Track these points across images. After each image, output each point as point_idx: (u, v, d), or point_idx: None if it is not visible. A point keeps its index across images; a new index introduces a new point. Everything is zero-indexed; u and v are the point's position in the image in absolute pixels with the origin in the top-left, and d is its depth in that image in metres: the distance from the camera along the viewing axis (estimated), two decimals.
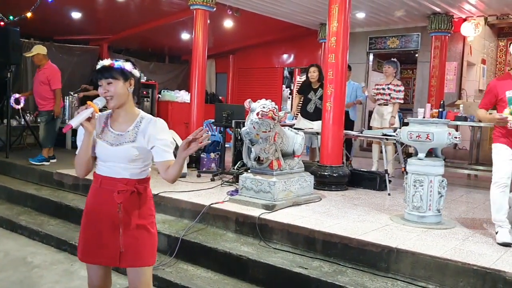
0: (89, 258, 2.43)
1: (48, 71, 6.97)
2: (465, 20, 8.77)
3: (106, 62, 2.37)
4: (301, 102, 7.38)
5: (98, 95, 2.39)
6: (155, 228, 2.54)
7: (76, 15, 9.31)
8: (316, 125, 7.14)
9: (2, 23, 7.70)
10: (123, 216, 2.36)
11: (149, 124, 2.39)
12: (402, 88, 7.12)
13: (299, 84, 8.09)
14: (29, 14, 7.37)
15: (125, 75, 2.37)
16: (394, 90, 7.02)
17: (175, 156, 2.33)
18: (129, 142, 2.36)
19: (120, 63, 2.37)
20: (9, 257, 4.53)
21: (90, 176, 2.50)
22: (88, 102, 2.32)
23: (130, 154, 2.35)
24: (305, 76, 9.90)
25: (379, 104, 7.23)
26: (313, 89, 7.25)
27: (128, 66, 2.39)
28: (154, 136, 2.36)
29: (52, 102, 6.98)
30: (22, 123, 9.01)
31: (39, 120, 7.31)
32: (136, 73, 2.44)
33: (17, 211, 5.80)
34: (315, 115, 7.18)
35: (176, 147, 6.27)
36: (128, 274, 2.46)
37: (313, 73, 7.19)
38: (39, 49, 7.03)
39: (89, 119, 2.30)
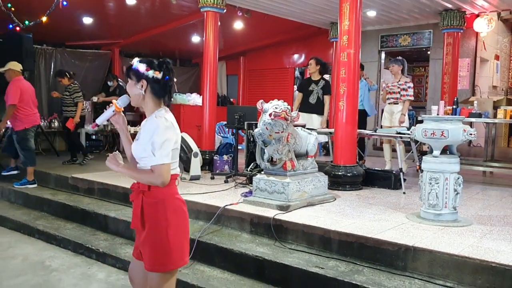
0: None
1: (8, 88, 6.53)
2: (477, 15, 8.68)
3: (134, 60, 2.46)
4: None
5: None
6: (163, 236, 2.37)
7: (87, 20, 9.40)
8: (316, 121, 7.15)
9: (18, 28, 7.78)
10: (135, 215, 2.44)
11: (147, 121, 2.43)
12: (411, 85, 7.04)
13: None
14: (44, 19, 7.42)
15: (136, 76, 2.40)
16: (404, 88, 6.95)
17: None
18: (136, 140, 2.45)
19: (136, 64, 2.41)
20: (28, 261, 4.59)
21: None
22: (113, 101, 2.49)
23: (135, 151, 2.44)
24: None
25: (389, 103, 7.16)
26: (313, 81, 7.34)
27: (141, 67, 2.39)
28: (143, 135, 2.39)
29: (19, 121, 6.54)
30: (37, 129, 9.11)
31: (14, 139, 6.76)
32: (151, 74, 2.38)
33: (34, 216, 5.87)
34: (318, 107, 7.25)
35: (190, 149, 6.31)
36: None
37: (310, 66, 7.33)
38: (11, 65, 6.62)
39: (115, 115, 2.50)
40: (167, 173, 2.34)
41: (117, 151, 2.70)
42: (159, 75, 2.40)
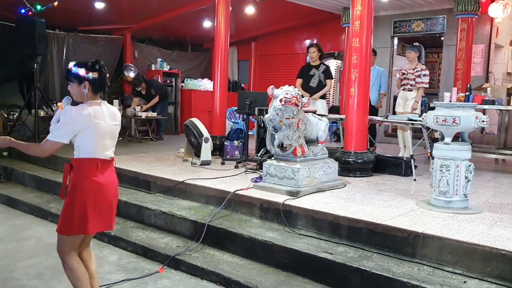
0: None
1: None
2: (493, 0, 8.53)
3: (70, 65, 2.81)
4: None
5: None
6: (69, 205, 2.79)
7: (99, 5, 9.41)
8: (319, 105, 7.21)
9: (30, 13, 7.81)
10: (62, 186, 2.89)
11: None
12: (427, 72, 7.00)
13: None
14: (55, 3, 7.43)
15: (78, 79, 2.77)
16: (419, 75, 6.91)
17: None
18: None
19: (75, 69, 2.77)
20: (41, 243, 4.67)
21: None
22: (58, 104, 2.86)
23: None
24: (329, 61, 9.88)
25: (403, 90, 7.14)
26: (313, 66, 7.46)
27: (81, 71, 2.76)
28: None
29: None
30: (49, 113, 9.20)
31: None
32: (91, 76, 2.77)
33: (47, 199, 5.96)
34: (319, 90, 7.39)
35: (201, 135, 6.34)
36: None
37: (313, 53, 7.42)
38: None
39: None
40: (48, 148, 2.76)
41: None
42: (96, 75, 2.80)
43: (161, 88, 10.18)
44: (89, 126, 2.72)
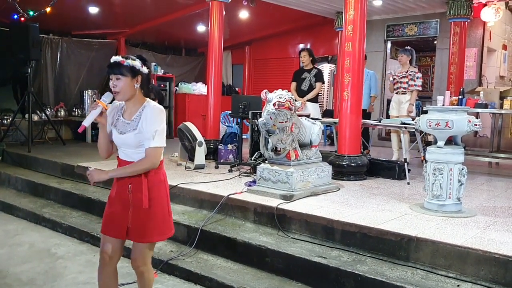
0: (105, 230, 2.75)
1: None
2: (485, 5, 8.59)
3: (118, 58, 2.62)
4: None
5: None
6: (165, 210, 2.74)
7: (93, 9, 9.38)
8: (311, 108, 7.23)
9: (22, 19, 7.79)
10: (132, 196, 2.64)
11: (145, 111, 2.63)
12: (419, 75, 7.05)
13: None
14: (48, 9, 7.42)
15: (133, 72, 2.61)
16: (412, 78, 6.95)
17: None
18: (133, 130, 2.62)
19: (129, 61, 2.60)
20: (34, 248, 4.64)
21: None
22: (97, 101, 2.66)
23: (135, 141, 2.62)
24: (322, 65, 9.91)
25: (396, 93, 7.17)
26: (306, 70, 7.51)
27: (137, 64, 2.62)
28: (145, 123, 2.60)
29: None
30: (43, 117, 9.18)
31: None
32: (145, 70, 2.66)
33: (41, 204, 5.93)
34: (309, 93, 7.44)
35: (194, 139, 6.32)
36: (132, 246, 2.79)
37: (304, 58, 7.48)
38: None
39: (101, 114, 2.64)
40: (160, 156, 2.64)
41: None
42: (147, 70, 2.69)
43: (158, 93, 10.16)
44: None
